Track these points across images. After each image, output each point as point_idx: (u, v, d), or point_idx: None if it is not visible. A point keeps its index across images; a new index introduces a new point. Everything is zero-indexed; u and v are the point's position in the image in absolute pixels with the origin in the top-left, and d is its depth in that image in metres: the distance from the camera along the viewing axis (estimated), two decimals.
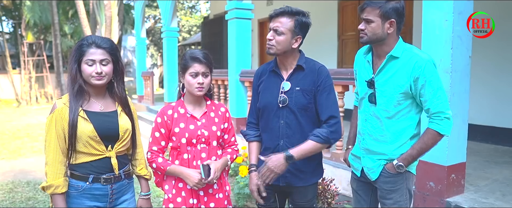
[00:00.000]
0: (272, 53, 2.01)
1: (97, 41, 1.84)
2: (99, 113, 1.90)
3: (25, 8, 16.07)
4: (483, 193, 3.26)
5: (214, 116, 2.11)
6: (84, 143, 1.84)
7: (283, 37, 1.96)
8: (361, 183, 2.19)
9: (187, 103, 2.08)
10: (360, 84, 2.13)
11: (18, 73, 17.44)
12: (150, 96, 10.21)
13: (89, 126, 1.84)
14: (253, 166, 2.14)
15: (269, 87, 2.09)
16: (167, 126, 2.03)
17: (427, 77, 1.86)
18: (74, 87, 1.84)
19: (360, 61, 2.16)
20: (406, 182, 2.02)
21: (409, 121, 1.98)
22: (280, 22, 1.96)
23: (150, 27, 26.57)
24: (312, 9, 9.23)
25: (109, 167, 1.91)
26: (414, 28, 6.34)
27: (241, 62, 5.77)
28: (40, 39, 17.60)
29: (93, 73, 1.82)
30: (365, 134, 2.09)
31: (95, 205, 1.90)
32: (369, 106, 2.05)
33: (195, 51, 2.03)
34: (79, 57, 1.83)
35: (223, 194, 2.15)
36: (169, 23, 8.62)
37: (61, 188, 1.82)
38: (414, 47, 1.98)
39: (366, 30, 1.94)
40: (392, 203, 2.02)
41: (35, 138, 8.08)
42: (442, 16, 2.96)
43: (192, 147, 2.03)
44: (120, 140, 1.94)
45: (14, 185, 4.70)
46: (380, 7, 1.89)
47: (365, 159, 2.10)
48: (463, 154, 3.17)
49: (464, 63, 3.05)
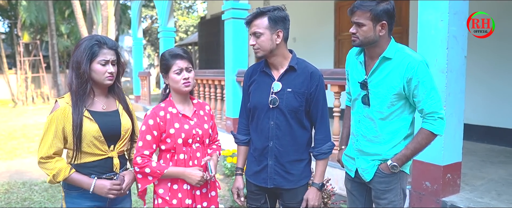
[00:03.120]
0: (261, 56, 2.02)
1: (108, 41, 1.87)
2: (102, 113, 1.91)
3: (21, 8, 15.98)
4: (478, 193, 3.28)
5: (204, 115, 2.12)
6: (88, 143, 1.84)
7: (263, 37, 1.96)
8: (355, 183, 2.19)
9: (176, 103, 2.05)
10: (353, 85, 2.12)
11: (14, 73, 17.36)
12: (147, 96, 10.21)
13: (94, 126, 1.84)
14: (239, 169, 2.23)
15: (260, 88, 2.08)
16: (160, 128, 1.96)
17: (420, 77, 1.86)
18: (84, 87, 1.83)
19: (352, 62, 2.15)
20: (400, 182, 2.03)
21: (402, 122, 1.98)
22: (255, 25, 1.96)
23: (147, 27, 26.52)
24: (308, 9, 9.19)
25: (110, 166, 1.92)
26: (410, 28, 6.36)
27: (238, 62, 5.77)
28: (36, 39, 17.52)
29: (107, 73, 1.85)
30: (358, 135, 2.09)
31: (95, 205, 1.91)
32: (362, 108, 2.05)
33: (173, 49, 2.03)
34: (91, 57, 1.83)
35: (215, 192, 2.16)
36: (166, 23, 8.61)
37: (69, 170, 1.82)
38: (407, 48, 1.98)
39: (357, 34, 1.93)
40: (386, 203, 2.03)
41: (31, 138, 8.04)
42: (438, 16, 2.97)
43: (187, 147, 2.01)
44: (121, 140, 1.95)
45: (9, 185, 4.68)
46: (370, 10, 1.86)
47: (359, 160, 2.10)
48: (459, 154, 3.18)
49: (459, 63, 3.06)
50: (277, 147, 2.03)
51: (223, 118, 6.40)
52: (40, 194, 4.35)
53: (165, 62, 1.99)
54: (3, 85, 17.44)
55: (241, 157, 2.23)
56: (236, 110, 5.68)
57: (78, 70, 1.81)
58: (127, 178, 1.97)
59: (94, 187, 1.83)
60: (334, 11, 7.99)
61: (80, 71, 1.81)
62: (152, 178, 1.97)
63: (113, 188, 1.86)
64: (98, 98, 1.93)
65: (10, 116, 12.26)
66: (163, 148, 2.01)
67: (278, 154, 2.04)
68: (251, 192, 2.18)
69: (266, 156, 2.07)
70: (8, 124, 10.20)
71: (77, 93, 1.82)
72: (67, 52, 19.26)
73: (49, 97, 16.83)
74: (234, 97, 5.76)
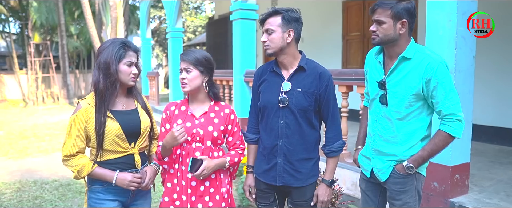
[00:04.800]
0: (270, 52, 2.05)
1: (131, 45, 1.99)
2: (122, 112, 2.00)
3: (32, 9, 16.20)
4: (487, 194, 3.26)
5: (214, 117, 2.13)
6: (110, 141, 1.93)
7: (274, 35, 2.00)
8: (370, 183, 2.20)
9: (190, 102, 2.16)
10: (371, 85, 2.13)
11: (25, 73, 17.59)
12: (156, 96, 10.27)
13: (115, 125, 1.93)
14: (249, 167, 2.27)
15: (270, 87, 2.11)
16: (171, 121, 2.12)
17: (439, 78, 1.85)
18: (114, 86, 1.92)
19: (371, 62, 2.16)
20: (415, 183, 2.02)
21: (420, 123, 1.98)
22: (268, 23, 2.02)
23: (155, 27, 26.67)
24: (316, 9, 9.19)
25: (132, 163, 2.01)
26: (419, 28, 6.33)
27: (246, 63, 5.79)
28: (47, 39, 17.72)
29: (131, 74, 1.97)
30: (375, 135, 2.09)
31: (117, 199, 2.00)
32: (380, 107, 2.05)
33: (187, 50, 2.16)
34: (119, 58, 1.92)
35: (219, 196, 2.13)
36: (174, 23, 8.66)
37: (92, 165, 1.91)
38: (426, 48, 1.97)
39: (377, 32, 1.94)
40: (401, 204, 2.02)
41: (41, 138, 8.15)
42: (446, 17, 2.96)
43: (186, 144, 2.08)
44: (141, 136, 2.04)
45: (21, 184, 4.76)
46: (391, 7, 1.88)
47: (375, 160, 2.10)
48: (467, 154, 3.16)
49: (468, 63, 3.05)
50: (287, 145, 2.06)
51: None
52: (50, 192, 4.42)
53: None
54: (14, 85, 17.69)
55: (251, 155, 2.27)
56: (244, 110, 5.71)
57: (108, 71, 1.90)
58: (149, 172, 2.06)
59: (116, 179, 1.93)
60: (342, 11, 7.98)
61: (109, 71, 1.90)
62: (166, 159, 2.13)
63: (134, 180, 1.95)
64: (119, 99, 2.02)
65: (21, 116, 12.43)
66: None
67: (287, 152, 2.07)
68: (260, 190, 2.21)
69: (276, 155, 2.10)
70: (19, 124, 10.34)
71: (104, 93, 1.90)
72: (76, 52, 19.46)
73: (59, 97, 17.02)
74: (242, 97, 5.79)
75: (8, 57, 19.13)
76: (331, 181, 2.13)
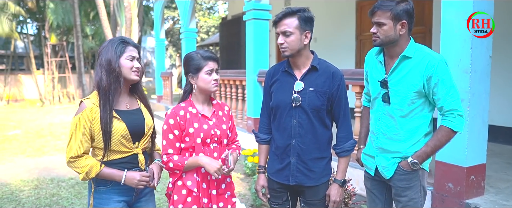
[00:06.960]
0: (288, 55, 2.04)
1: (130, 41, 1.99)
2: (127, 111, 1.98)
3: (49, 11, 16.50)
4: (504, 196, 3.21)
5: (222, 115, 2.16)
6: (116, 141, 1.91)
7: (293, 37, 1.99)
8: (375, 182, 2.22)
9: (196, 103, 2.10)
10: (372, 85, 2.17)
11: (41, 73, 17.90)
12: (169, 96, 10.35)
13: (122, 125, 1.91)
14: (261, 167, 2.26)
15: (282, 87, 2.11)
16: (181, 127, 2.02)
17: (440, 76, 1.91)
18: (117, 82, 1.89)
19: (372, 62, 2.19)
20: (420, 179, 2.06)
21: (422, 119, 2.02)
22: (285, 25, 1.99)
23: (169, 28, 26.89)
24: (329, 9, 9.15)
25: (136, 162, 1.99)
26: (434, 28, 6.26)
27: (259, 63, 5.81)
28: (63, 40, 18.06)
29: (134, 68, 1.95)
30: (379, 133, 2.13)
31: (122, 199, 1.99)
32: (382, 106, 2.09)
33: (202, 51, 2.08)
34: (120, 53, 1.92)
35: (231, 192, 2.19)
36: (187, 24, 8.73)
37: (99, 165, 1.88)
38: (426, 47, 2.02)
39: (378, 33, 1.99)
40: (407, 200, 2.06)
41: (58, 136, 8.30)
42: (461, 16, 2.93)
43: (205, 146, 2.05)
44: (145, 136, 2.02)
45: (39, 181, 4.86)
46: (391, 9, 1.92)
47: (379, 158, 2.13)
48: (483, 155, 3.12)
49: (484, 63, 3.01)
50: (300, 145, 2.07)
51: (244, 118, 6.44)
52: (67, 190, 4.50)
53: (197, 62, 2.03)
54: (31, 85, 18.05)
55: (263, 156, 2.28)
56: (257, 110, 5.72)
57: (109, 67, 1.88)
58: (156, 170, 2.06)
59: (125, 179, 1.91)
60: (356, 11, 7.94)
61: (111, 67, 1.88)
62: (178, 172, 2.04)
63: (142, 179, 1.94)
64: (122, 97, 2.00)
65: (38, 115, 12.66)
66: (182, 146, 2.06)
67: (301, 151, 2.07)
68: (273, 190, 2.21)
69: (289, 154, 2.10)
70: (36, 123, 10.54)
71: (108, 90, 1.88)
72: (91, 53, 19.74)
73: (75, 96, 17.31)
74: (255, 97, 5.80)
75: (26, 57, 19.52)
76: (343, 180, 2.13)
